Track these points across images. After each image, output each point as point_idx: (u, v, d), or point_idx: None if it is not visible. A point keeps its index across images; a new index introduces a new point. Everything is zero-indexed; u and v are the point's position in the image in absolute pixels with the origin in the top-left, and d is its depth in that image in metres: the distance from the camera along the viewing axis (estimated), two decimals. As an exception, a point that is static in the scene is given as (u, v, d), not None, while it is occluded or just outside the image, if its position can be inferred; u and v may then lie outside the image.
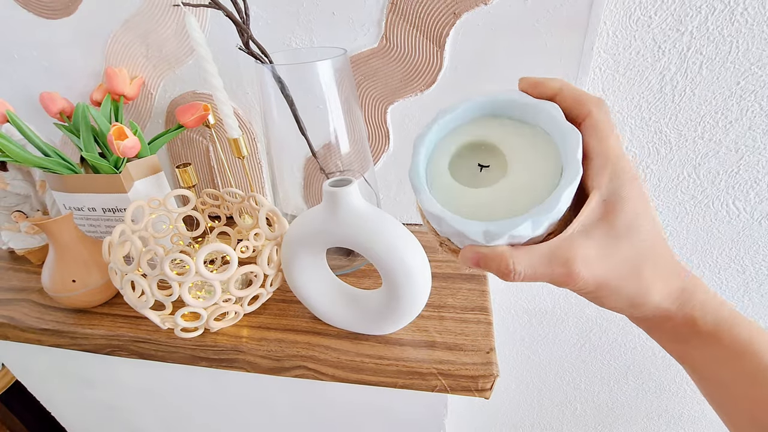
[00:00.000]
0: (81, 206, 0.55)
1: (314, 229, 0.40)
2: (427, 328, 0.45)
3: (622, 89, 0.53)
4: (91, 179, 0.53)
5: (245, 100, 0.59)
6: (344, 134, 0.48)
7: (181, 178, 0.54)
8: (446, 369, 0.40)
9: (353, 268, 0.55)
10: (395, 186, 0.63)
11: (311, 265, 0.44)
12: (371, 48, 0.52)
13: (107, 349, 0.49)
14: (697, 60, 0.50)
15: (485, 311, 0.47)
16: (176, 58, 0.58)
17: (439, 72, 0.52)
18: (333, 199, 0.37)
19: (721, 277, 0.67)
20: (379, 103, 0.56)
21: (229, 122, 0.51)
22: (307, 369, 0.44)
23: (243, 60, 0.56)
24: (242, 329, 0.47)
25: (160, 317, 0.43)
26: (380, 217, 0.39)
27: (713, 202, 0.60)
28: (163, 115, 0.63)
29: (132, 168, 0.53)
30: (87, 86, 0.63)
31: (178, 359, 0.47)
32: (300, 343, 0.44)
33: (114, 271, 0.43)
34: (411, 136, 0.58)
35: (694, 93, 0.53)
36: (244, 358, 0.45)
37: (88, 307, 0.52)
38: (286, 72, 0.44)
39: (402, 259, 0.38)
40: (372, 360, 0.42)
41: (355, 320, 0.44)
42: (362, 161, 0.52)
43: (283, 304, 0.50)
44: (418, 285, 0.39)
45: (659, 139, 0.56)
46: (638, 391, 0.84)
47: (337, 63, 0.45)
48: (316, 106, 0.47)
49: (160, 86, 0.61)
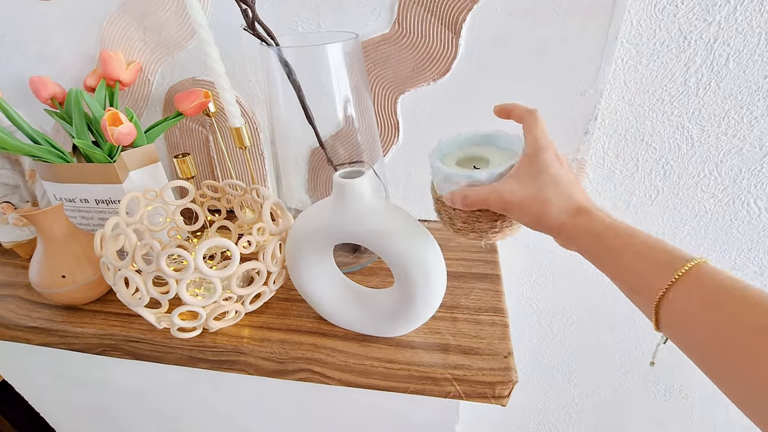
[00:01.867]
0: (73, 197, 0.52)
1: (322, 224, 0.37)
2: (439, 330, 0.43)
3: (644, 81, 0.51)
4: (84, 169, 0.50)
5: (248, 88, 0.56)
6: (354, 124, 0.46)
7: (180, 168, 0.51)
8: (462, 374, 0.38)
9: (360, 266, 0.53)
10: (404, 180, 0.60)
11: (318, 262, 0.41)
12: (382, 33, 0.49)
13: (99, 348, 0.47)
14: (723, 52, 0.48)
15: (501, 312, 0.44)
16: (175, 42, 0.55)
17: (454, 60, 0.50)
18: (344, 191, 0.35)
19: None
20: (390, 93, 0.53)
21: (231, 110, 0.49)
22: (313, 372, 0.41)
23: (247, 45, 0.53)
24: (243, 329, 0.44)
25: (156, 316, 0.40)
26: (395, 212, 0.36)
27: (734, 200, 0.58)
28: (161, 102, 0.60)
29: (127, 157, 0.50)
30: (81, 71, 0.60)
31: (175, 360, 0.45)
32: (305, 345, 0.42)
33: (106, 267, 0.40)
34: (422, 129, 0.56)
35: (719, 87, 0.50)
36: (245, 360, 0.42)
37: (79, 304, 0.49)
38: (294, 56, 0.41)
39: (418, 258, 0.35)
40: (382, 364, 0.39)
41: (363, 321, 0.42)
42: (372, 153, 0.49)
43: (287, 303, 0.47)
44: (435, 285, 0.37)
45: (681, 135, 0.54)
46: (647, 396, 0.82)
47: (348, 47, 0.42)
48: (324, 94, 0.44)
49: (158, 72, 0.58)
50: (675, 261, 0.24)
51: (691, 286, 0.23)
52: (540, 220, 0.29)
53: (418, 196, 0.61)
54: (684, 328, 0.24)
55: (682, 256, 0.24)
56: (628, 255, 0.26)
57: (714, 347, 0.22)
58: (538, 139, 0.30)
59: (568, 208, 0.28)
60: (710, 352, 0.22)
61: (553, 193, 0.29)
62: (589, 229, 0.28)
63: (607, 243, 0.27)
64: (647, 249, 0.26)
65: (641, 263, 0.25)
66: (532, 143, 0.30)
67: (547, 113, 0.53)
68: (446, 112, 0.54)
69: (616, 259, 0.27)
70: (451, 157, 0.36)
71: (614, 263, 0.27)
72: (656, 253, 0.25)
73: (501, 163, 0.33)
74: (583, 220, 0.28)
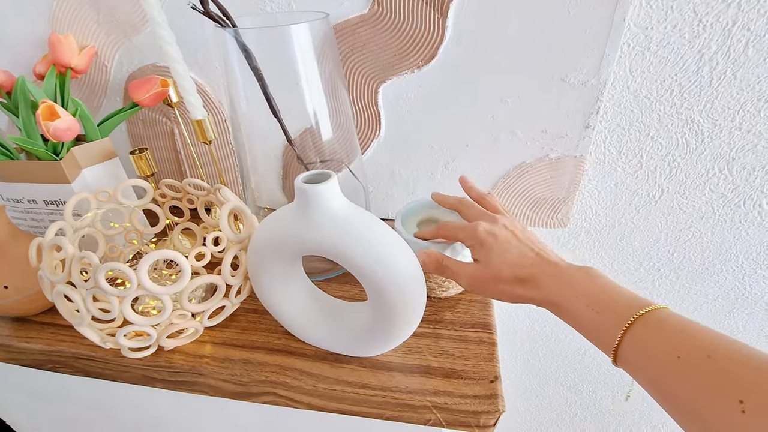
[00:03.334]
0: (20, 197, 0.47)
1: (285, 234, 0.33)
2: (420, 349, 0.38)
3: (652, 70, 0.46)
4: (29, 166, 0.45)
5: (214, 76, 0.51)
6: (326, 117, 0.41)
7: (136, 165, 0.46)
8: (443, 402, 0.34)
9: (336, 273, 0.48)
10: (387, 178, 0.55)
11: (283, 273, 0.36)
12: (360, 14, 0.44)
13: (48, 365, 0.42)
14: (743, 37, 0.43)
15: (488, 328, 0.40)
16: (131, 24, 0.49)
17: (441, 44, 0.44)
18: (306, 198, 0.30)
19: (744, 283, 0.61)
20: (369, 81, 0.48)
21: (191, 100, 0.43)
22: (278, 396, 0.37)
23: (210, 27, 0.48)
24: (204, 346, 0.40)
25: (100, 335, 0.36)
26: (365, 221, 0.32)
27: (744, 201, 0.53)
28: (121, 91, 0.54)
29: (79, 153, 0.46)
30: (32, 58, 0.54)
31: (129, 379, 0.41)
32: (270, 366, 0.38)
33: (44, 280, 0.35)
34: (406, 121, 0.51)
35: (735, 76, 0.45)
36: (204, 382, 0.38)
37: (27, 315, 0.44)
38: (255, 39, 0.36)
39: (392, 272, 0.31)
40: (354, 389, 0.35)
41: (335, 340, 0.38)
42: (348, 149, 0.44)
43: (255, 315, 0.43)
44: (412, 302, 0.32)
45: (690, 130, 0.49)
46: (645, 399, 0.79)
47: (316, 29, 0.37)
48: (293, 83, 0.39)
49: (115, 58, 0.52)
50: (625, 311, 0.26)
51: (641, 333, 0.25)
52: (500, 294, 0.32)
53: (402, 195, 0.56)
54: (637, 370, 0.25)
55: (633, 305, 0.26)
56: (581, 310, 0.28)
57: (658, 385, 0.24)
58: (476, 235, 0.33)
59: (514, 291, 0.31)
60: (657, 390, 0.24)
61: (499, 280, 0.32)
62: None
63: None
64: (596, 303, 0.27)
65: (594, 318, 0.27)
66: (473, 243, 0.34)
67: (544, 106, 0.48)
68: (432, 103, 0.49)
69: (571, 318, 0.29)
70: (415, 217, 0.43)
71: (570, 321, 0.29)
72: (604, 305, 0.27)
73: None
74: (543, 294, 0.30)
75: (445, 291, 0.43)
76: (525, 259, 0.31)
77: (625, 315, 0.25)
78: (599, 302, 0.27)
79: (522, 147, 0.50)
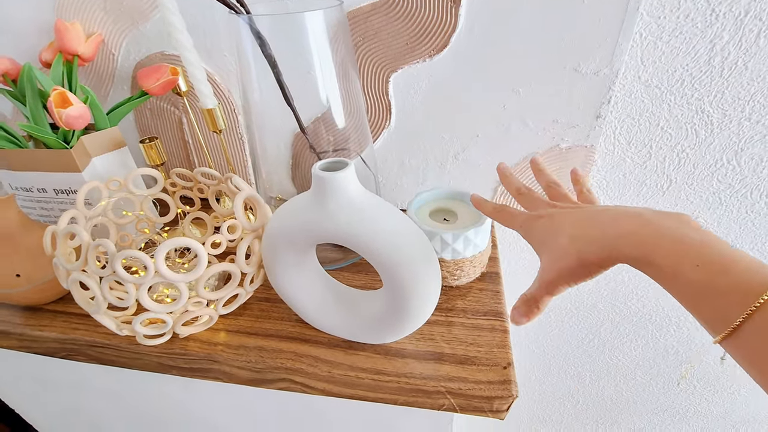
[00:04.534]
0: (29, 187, 0.47)
1: (300, 222, 0.33)
2: (433, 336, 0.39)
3: (663, 59, 0.46)
4: (39, 155, 0.44)
5: (223, 64, 0.51)
6: (339, 105, 0.41)
7: (146, 155, 0.46)
8: (456, 388, 0.34)
9: (348, 262, 0.48)
10: (396, 167, 0.55)
11: (297, 261, 0.37)
12: (372, 2, 0.44)
13: (62, 353, 0.43)
14: (755, 27, 0.43)
15: (500, 316, 0.41)
16: (140, 10, 0.49)
17: (453, 33, 0.44)
18: (323, 186, 0.30)
19: (749, 273, 0.61)
20: (381, 70, 0.48)
21: (202, 89, 0.43)
22: (293, 382, 0.38)
23: (221, 14, 0.47)
24: (218, 334, 0.40)
25: (116, 323, 0.36)
26: (382, 209, 0.32)
27: (752, 192, 0.54)
28: (128, 80, 0.54)
29: (88, 142, 0.45)
30: (37, 45, 0.53)
31: (144, 366, 0.41)
32: (285, 353, 0.38)
33: (59, 268, 0.35)
34: (417, 110, 0.50)
35: (746, 66, 0.45)
36: (219, 368, 0.39)
37: (39, 304, 0.44)
38: (268, 26, 0.36)
39: (409, 260, 0.31)
40: (369, 375, 0.36)
41: (349, 327, 0.38)
42: (360, 138, 0.44)
43: (267, 303, 0.43)
44: (427, 290, 0.33)
45: (700, 120, 0.49)
46: (645, 386, 0.80)
47: (330, 16, 0.36)
48: (306, 71, 0.39)
49: (122, 45, 0.52)
50: (756, 286, 0.19)
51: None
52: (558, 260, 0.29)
53: (412, 185, 0.56)
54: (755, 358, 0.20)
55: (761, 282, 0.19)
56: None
57: None
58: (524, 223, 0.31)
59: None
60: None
61: (550, 249, 0.29)
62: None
63: None
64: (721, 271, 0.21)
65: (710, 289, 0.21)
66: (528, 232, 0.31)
67: (556, 96, 0.48)
68: (443, 92, 0.49)
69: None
70: (427, 206, 0.45)
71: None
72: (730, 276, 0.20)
73: (465, 217, 0.43)
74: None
75: (456, 279, 0.43)
76: (599, 216, 0.27)
77: (755, 289, 0.19)
78: (712, 264, 0.21)
79: (533, 137, 0.50)
